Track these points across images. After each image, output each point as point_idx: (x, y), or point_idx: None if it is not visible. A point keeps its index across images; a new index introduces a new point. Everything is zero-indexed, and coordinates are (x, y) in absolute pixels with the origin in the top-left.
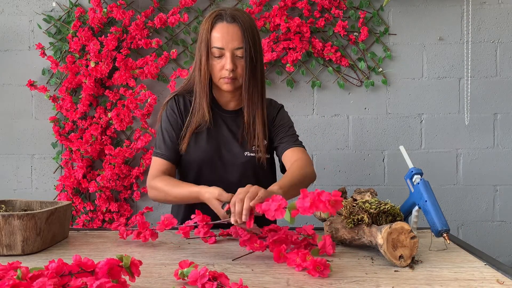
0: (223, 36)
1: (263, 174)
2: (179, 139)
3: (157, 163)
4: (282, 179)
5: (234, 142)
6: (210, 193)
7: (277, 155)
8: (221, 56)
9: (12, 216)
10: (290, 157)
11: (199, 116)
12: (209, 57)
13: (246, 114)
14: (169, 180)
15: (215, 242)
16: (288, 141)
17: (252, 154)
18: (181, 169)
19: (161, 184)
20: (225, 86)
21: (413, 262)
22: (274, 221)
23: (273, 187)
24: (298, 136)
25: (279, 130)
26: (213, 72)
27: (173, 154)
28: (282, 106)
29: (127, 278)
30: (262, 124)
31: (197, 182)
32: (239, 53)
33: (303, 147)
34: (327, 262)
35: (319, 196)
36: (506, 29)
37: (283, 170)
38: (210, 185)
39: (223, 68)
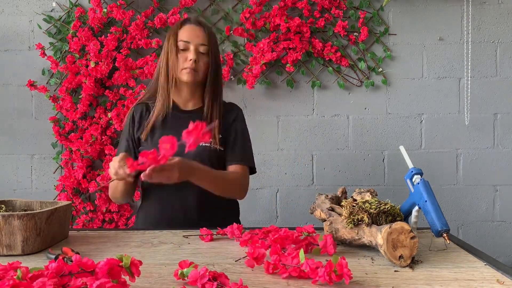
0: (189, 33)
1: (219, 164)
2: (132, 144)
3: None
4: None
5: None
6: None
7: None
8: (185, 49)
9: (12, 216)
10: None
11: (158, 108)
12: (176, 50)
13: (206, 108)
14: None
15: (212, 239)
16: (237, 156)
17: (206, 144)
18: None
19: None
20: (185, 76)
21: (413, 262)
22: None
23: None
24: (250, 147)
25: (234, 135)
26: (177, 65)
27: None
28: (241, 110)
29: (127, 278)
30: (219, 119)
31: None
32: (202, 49)
33: (249, 165)
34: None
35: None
36: (506, 29)
37: None
38: None
39: (186, 60)
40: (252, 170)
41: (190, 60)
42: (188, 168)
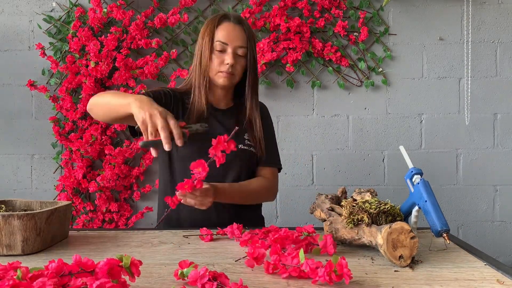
0: (228, 33)
1: (258, 164)
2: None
3: None
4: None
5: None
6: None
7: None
8: (222, 51)
9: (12, 216)
10: (261, 175)
11: (197, 108)
12: (212, 50)
13: (249, 110)
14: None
15: (212, 239)
16: (265, 159)
17: (245, 147)
18: (173, 164)
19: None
20: (221, 80)
21: (413, 262)
22: (262, 221)
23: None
24: (277, 147)
25: (264, 136)
26: (211, 65)
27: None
28: (266, 107)
29: (127, 278)
30: (259, 120)
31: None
32: (240, 52)
33: (278, 167)
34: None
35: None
36: (506, 29)
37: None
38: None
39: (222, 63)
40: (279, 169)
41: (227, 64)
42: (215, 191)
